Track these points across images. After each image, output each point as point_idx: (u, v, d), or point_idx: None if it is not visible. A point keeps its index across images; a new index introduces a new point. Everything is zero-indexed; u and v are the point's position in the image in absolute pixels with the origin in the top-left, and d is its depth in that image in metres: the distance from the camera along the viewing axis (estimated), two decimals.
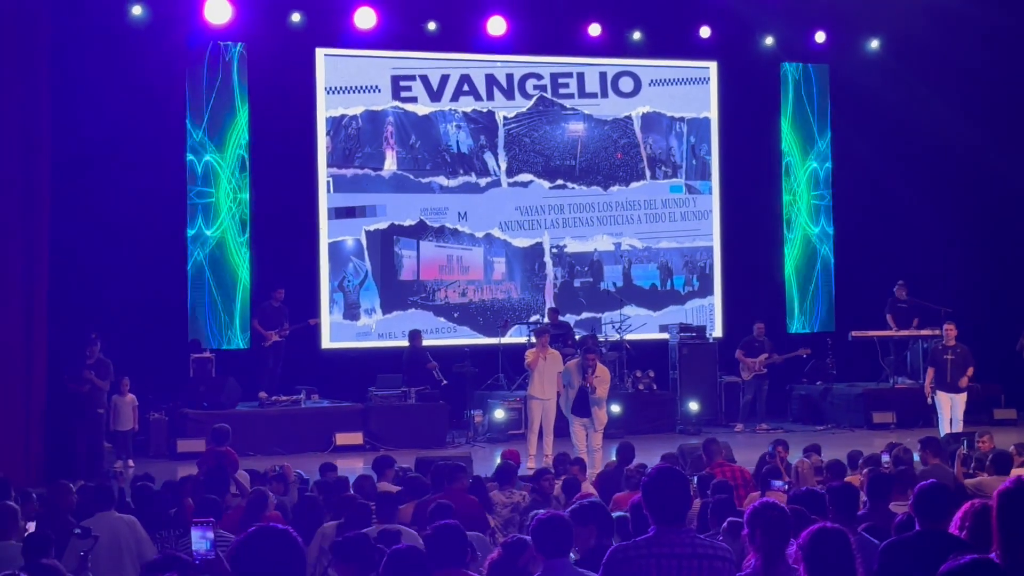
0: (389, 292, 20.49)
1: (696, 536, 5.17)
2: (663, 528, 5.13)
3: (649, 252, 21.99)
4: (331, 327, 20.07)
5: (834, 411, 19.88)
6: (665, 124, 22.14)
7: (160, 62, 18.66)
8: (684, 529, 5.14)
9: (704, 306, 22.20)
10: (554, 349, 16.06)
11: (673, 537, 5.09)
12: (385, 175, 20.54)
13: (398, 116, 20.62)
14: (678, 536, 5.09)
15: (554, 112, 21.53)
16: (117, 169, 17.89)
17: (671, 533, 5.10)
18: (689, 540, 5.10)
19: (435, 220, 20.73)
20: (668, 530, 5.12)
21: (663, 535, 5.11)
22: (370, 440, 17.34)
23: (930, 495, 5.96)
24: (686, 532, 5.13)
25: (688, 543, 5.08)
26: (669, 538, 5.09)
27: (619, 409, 17.97)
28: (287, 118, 19.82)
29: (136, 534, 8.24)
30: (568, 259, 21.54)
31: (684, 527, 5.15)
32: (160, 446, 16.89)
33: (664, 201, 22.11)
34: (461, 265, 20.91)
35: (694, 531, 5.22)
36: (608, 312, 20.85)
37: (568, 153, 21.53)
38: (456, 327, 20.76)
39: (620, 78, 21.86)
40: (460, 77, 21.01)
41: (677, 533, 5.10)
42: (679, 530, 5.11)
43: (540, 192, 21.33)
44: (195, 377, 17.61)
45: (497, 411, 18.18)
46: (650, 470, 5.44)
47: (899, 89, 21.88)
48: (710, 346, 20.09)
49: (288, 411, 17.61)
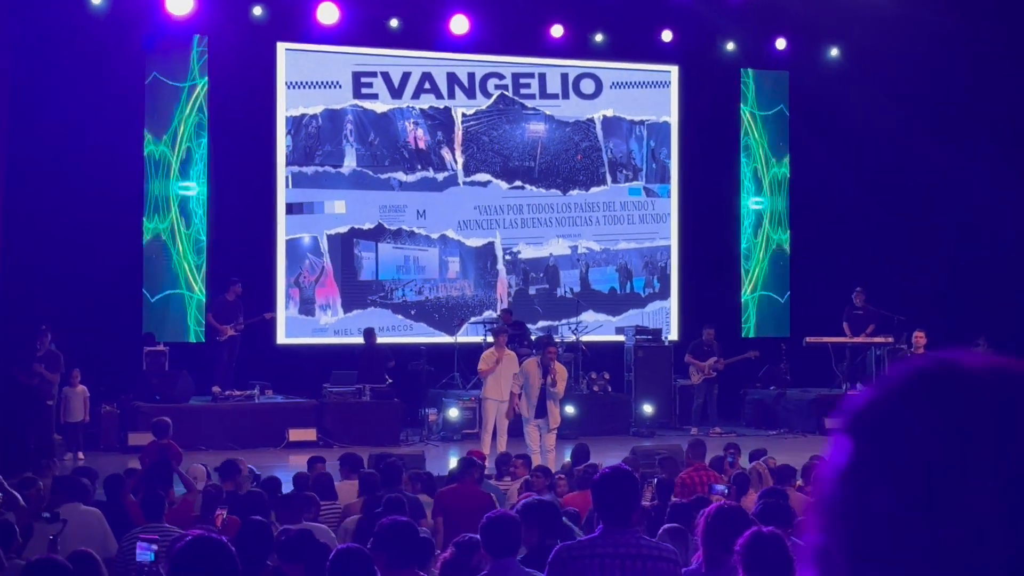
0: (349, 292, 20.48)
1: (642, 537, 5.17)
2: (609, 528, 5.14)
3: (607, 254, 22.03)
4: (287, 323, 20.02)
5: (787, 416, 19.98)
6: (625, 127, 22.20)
7: (120, 53, 18.54)
8: (631, 530, 5.13)
9: (664, 308, 22.27)
10: (510, 350, 16.04)
11: (618, 537, 5.08)
12: (345, 172, 20.51)
13: (357, 114, 20.59)
14: (623, 536, 5.08)
15: (514, 111, 21.54)
16: (72, 160, 17.76)
17: (617, 533, 5.10)
18: (634, 541, 5.09)
19: (394, 220, 20.71)
20: (614, 530, 5.12)
21: (608, 535, 5.12)
22: (323, 437, 17.28)
23: None
24: (632, 533, 5.12)
25: (633, 543, 5.07)
26: (614, 538, 5.09)
27: (574, 410, 18.00)
28: (247, 112, 19.73)
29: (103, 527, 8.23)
30: (523, 265, 21.54)
31: (631, 528, 5.14)
32: (111, 439, 16.77)
33: (623, 204, 22.17)
34: (418, 265, 20.91)
35: (640, 532, 5.21)
36: (565, 319, 20.86)
37: (527, 154, 21.55)
38: (413, 324, 20.76)
39: (582, 80, 21.90)
40: (422, 75, 20.99)
41: (622, 533, 5.09)
42: (625, 531, 5.10)
43: (498, 192, 21.34)
44: (148, 370, 17.48)
45: (451, 410, 18.16)
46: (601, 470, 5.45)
47: (858, 97, 22.03)
48: (665, 349, 20.14)
49: (241, 406, 17.53)
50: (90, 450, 16.30)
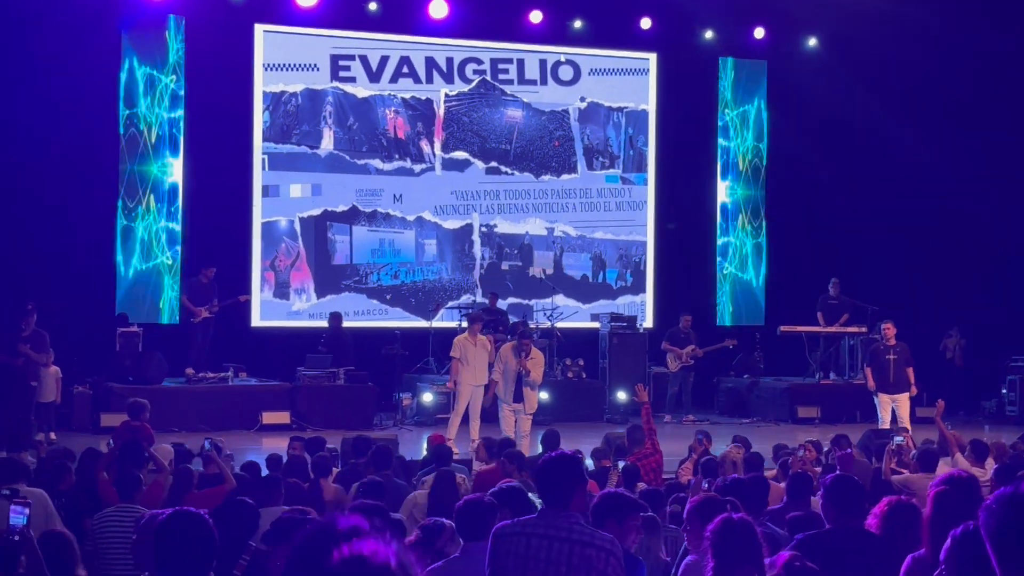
0: (323, 277, 20.43)
1: (578, 522, 5.11)
2: (547, 510, 5.16)
3: (583, 241, 22.06)
4: (261, 306, 19.97)
5: (760, 405, 20.05)
6: (603, 114, 22.21)
7: (96, 30, 18.44)
8: (568, 513, 5.10)
9: (635, 303, 22.29)
10: (483, 335, 15.98)
11: (552, 519, 5.08)
12: (321, 154, 20.46)
13: (338, 97, 20.54)
14: (557, 519, 5.07)
15: (494, 96, 21.53)
16: (48, 140, 17.67)
17: (552, 515, 5.10)
18: (567, 524, 5.05)
19: (369, 203, 20.68)
20: (551, 512, 5.12)
21: (545, 516, 5.13)
22: (297, 420, 17.26)
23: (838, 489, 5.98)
24: (568, 516, 5.08)
25: (565, 527, 5.04)
26: (548, 519, 5.09)
27: (548, 396, 18.01)
28: (224, 93, 19.62)
29: (46, 508, 8.17)
30: (497, 240, 21.54)
31: (569, 512, 5.12)
32: (83, 419, 16.70)
33: (599, 191, 22.19)
34: (393, 248, 20.88)
35: (579, 517, 5.19)
36: (537, 299, 20.87)
37: (504, 138, 21.56)
38: (388, 308, 20.74)
39: (560, 66, 21.90)
40: (400, 59, 20.95)
41: (558, 516, 5.08)
42: (561, 514, 5.09)
43: (476, 176, 21.34)
44: (121, 351, 17.40)
45: (425, 394, 18.16)
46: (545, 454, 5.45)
47: (835, 87, 22.08)
48: (640, 336, 20.17)
49: (215, 388, 17.49)
50: (62, 430, 16.22)
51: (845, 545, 5.71)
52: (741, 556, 4.83)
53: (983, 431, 17.08)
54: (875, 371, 16.30)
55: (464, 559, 5.76)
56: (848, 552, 5.66)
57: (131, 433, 11.14)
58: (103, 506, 8.18)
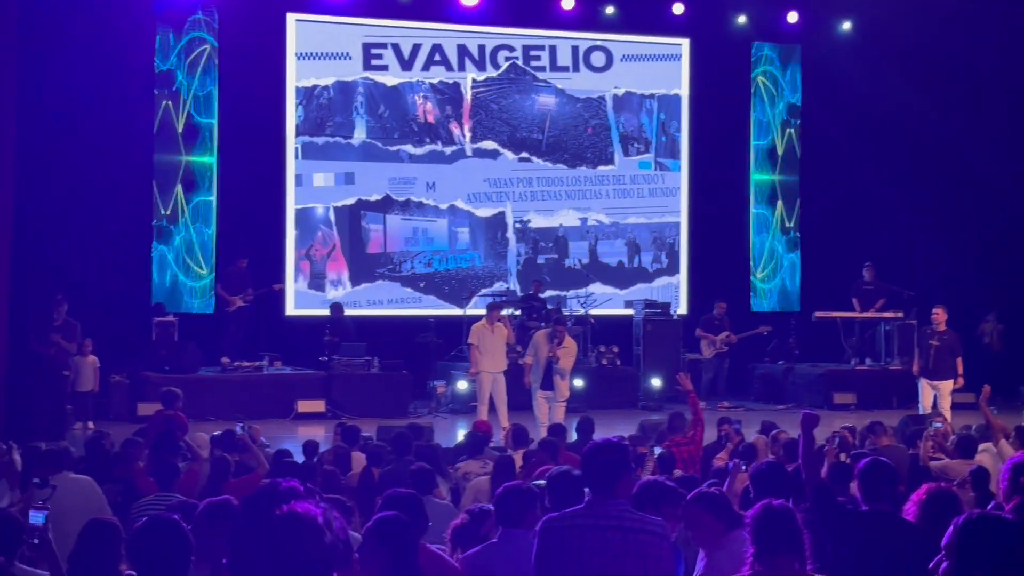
0: (357, 266, 20.47)
1: (627, 509, 5.08)
2: (595, 499, 5.11)
3: (616, 228, 22.01)
4: (295, 295, 20.03)
5: (795, 391, 19.95)
6: (636, 101, 22.13)
7: (130, 22, 18.52)
8: (616, 501, 5.08)
9: (672, 284, 22.25)
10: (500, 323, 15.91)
11: (602, 509, 5.04)
12: (355, 143, 20.50)
13: (368, 87, 20.55)
14: (606, 508, 5.04)
15: (525, 82, 21.48)
16: (83, 130, 17.74)
17: (601, 504, 5.06)
18: (617, 513, 5.03)
19: (402, 192, 20.69)
20: (599, 501, 5.08)
21: (593, 506, 5.08)
22: (332, 408, 17.32)
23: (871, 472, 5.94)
24: (616, 504, 5.06)
25: (616, 515, 5.02)
26: (598, 509, 5.05)
27: (582, 383, 18.00)
28: (257, 83, 19.68)
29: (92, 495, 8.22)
30: (532, 235, 21.53)
31: (616, 499, 5.10)
32: (121, 409, 16.79)
33: (632, 177, 22.12)
34: (426, 237, 20.90)
35: (627, 504, 5.15)
36: (573, 290, 20.85)
37: (536, 126, 21.50)
38: (422, 296, 20.77)
39: (592, 52, 21.83)
40: (432, 46, 20.94)
41: (606, 504, 5.05)
42: (610, 502, 5.06)
43: (507, 164, 21.31)
44: (157, 340, 17.52)
45: (460, 382, 18.15)
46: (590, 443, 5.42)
47: (870, 71, 21.90)
48: (674, 323, 20.11)
49: (250, 377, 17.57)
50: (100, 419, 16.33)
51: (878, 528, 5.67)
52: (782, 542, 4.80)
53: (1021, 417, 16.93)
54: (920, 355, 16.21)
55: (502, 545, 5.74)
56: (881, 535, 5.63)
57: (165, 422, 11.18)
58: (140, 495, 8.21)
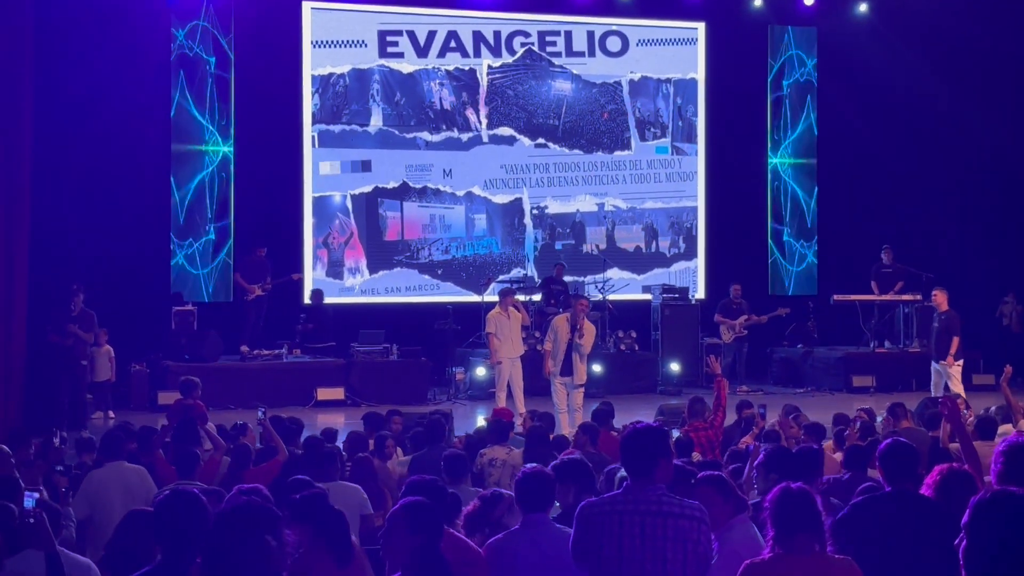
0: (375, 253, 20.51)
1: (665, 494, 5.09)
2: (633, 483, 5.13)
3: (634, 213, 21.99)
4: (313, 283, 20.07)
5: (814, 374, 19.93)
6: (652, 86, 22.09)
7: (145, 14, 18.56)
8: (654, 486, 5.09)
9: (689, 268, 22.23)
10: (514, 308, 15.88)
11: (639, 494, 5.06)
12: (371, 131, 20.51)
13: (384, 74, 20.56)
14: (645, 493, 5.06)
15: (541, 67, 21.47)
16: (100, 121, 17.80)
17: (639, 489, 5.08)
18: (656, 497, 5.04)
19: (419, 179, 20.71)
20: (636, 487, 5.10)
21: (631, 491, 5.09)
22: (351, 395, 17.37)
23: (892, 453, 5.93)
24: (655, 489, 5.07)
25: (655, 500, 5.03)
26: (636, 495, 5.07)
27: (600, 369, 18.02)
28: (273, 71, 19.73)
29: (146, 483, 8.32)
30: (549, 220, 21.53)
31: (654, 483, 5.12)
32: (141, 398, 16.88)
33: (649, 162, 22.10)
34: (444, 223, 20.91)
35: (664, 489, 5.17)
36: (591, 275, 20.84)
37: (552, 112, 21.49)
38: (440, 283, 20.79)
39: (608, 37, 21.79)
40: (447, 33, 20.93)
41: (644, 490, 5.08)
42: (647, 486, 5.09)
43: (524, 150, 21.31)
44: (177, 329, 17.60)
45: (478, 368, 18.19)
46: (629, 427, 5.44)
47: (886, 53, 21.84)
48: (692, 307, 20.11)
49: (270, 365, 17.62)
50: (120, 409, 16.43)
51: (902, 508, 5.67)
52: (800, 525, 4.81)
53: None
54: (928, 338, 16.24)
55: (525, 531, 5.75)
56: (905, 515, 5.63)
57: (185, 411, 11.23)
58: (161, 484, 8.26)
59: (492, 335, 15.31)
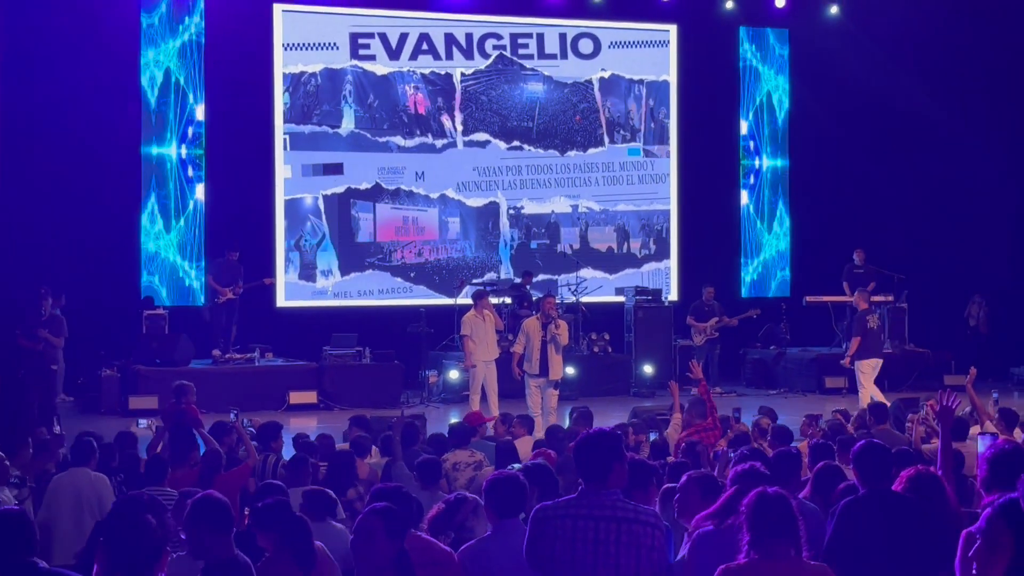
0: (347, 255, 20.44)
1: (620, 499, 5.07)
2: (588, 488, 5.10)
3: (606, 215, 22.01)
4: (286, 286, 19.99)
5: (787, 376, 19.98)
6: (624, 87, 22.11)
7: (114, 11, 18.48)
8: (609, 491, 5.07)
9: (660, 269, 22.27)
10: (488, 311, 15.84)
11: (595, 499, 5.04)
12: (343, 133, 20.44)
13: (357, 75, 20.49)
14: (599, 498, 5.03)
15: (513, 71, 21.45)
16: (69, 123, 17.70)
17: (593, 494, 5.06)
18: (610, 502, 5.03)
19: (392, 181, 20.65)
20: (592, 491, 5.07)
21: (585, 496, 5.07)
22: (324, 399, 17.30)
23: (866, 455, 5.95)
24: (609, 494, 5.05)
25: (609, 505, 5.02)
26: (591, 499, 5.04)
27: (574, 371, 18.00)
28: (244, 73, 19.64)
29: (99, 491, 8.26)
30: (525, 220, 21.54)
31: (609, 489, 5.09)
32: (112, 403, 16.74)
33: (622, 164, 22.12)
34: (417, 226, 20.86)
35: (619, 494, 5.15)
36: (564, 275, 20.85)
37: (526, 115, 21.48)
38: (413, 286, 20.74)
39: (580, 40, 21.79)
40: (419, 36, 20.88)
41: (599, 494, 5.05)
42: (602, 491, 5.06)
43: (497, 153, 21.29)
44: (148, 334, 17.48)
45: (451, 371, 18.14)
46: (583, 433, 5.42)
47: (858, 55, 21.92)
48: (665, 309, 20.11)
49: (242, 369, 17.52)
50: (90, 414, 16.30)
51: (880, 508, 5.69)
52: (776, 530, 4.80)
53: (1013, 398, 17.00)
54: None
55: (497, 537, 5.72)
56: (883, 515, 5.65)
57: (179, 415, 11.19)
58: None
59: (467, 338, 15.25)
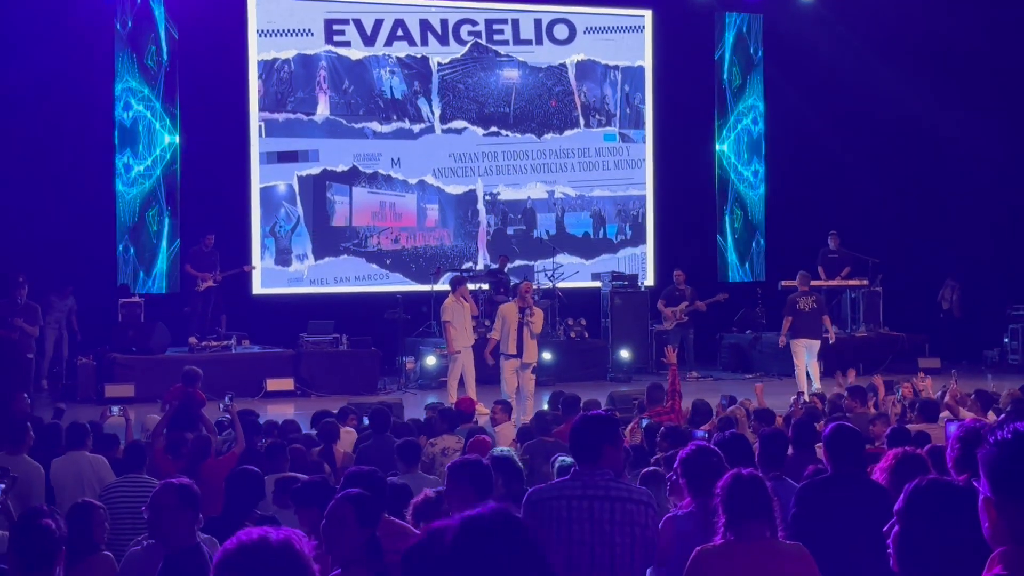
0: (321, 238, 20.40)
1: (612, 479, 5.13)
2: (581, 469, 5.16)
3: (583, 200, 22.04)
4: (262, 273, 19.95)
5: (763, 360, 20.02)
6: (599, 72, 22.13)
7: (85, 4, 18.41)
8: (602, 471, 5.12)
9: (636, 255, 22.31)
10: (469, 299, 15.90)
11: (587, 479, 5.09)
12: (318, 120, 20.39)
13: (331, 60, 20.44)
14: (592, 478, 5.08)
15: (488, 59, 21.44)
16: (42, 110, 17.64)
17: (587, 475, 5.11)
18: (603, 482, 5.08)
19: (368, 166, 20.62)
20: (584, 471, 5.13)
21: (579, 477, 5.13)
22: (301, 386, 17.29)
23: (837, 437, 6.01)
24: (602, 474, 5.10)
25: (602, 485, 5.07)
26: (584, 480, 5.10)
27: (551, 356, 18.04)
28: (218, 61, 19.55)
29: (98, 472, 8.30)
30: (502, 206, 21.54)
31: (601, 469, 5.15)
32: (88, 391, 16.70)
33: (598, 150, 22.14)
34: (394, 212, 20.84)
35: (610, 473, 5.19)
36: (541, 260, 20.87)
37: (502, 100, 21.48)
38: (388, 274, 20.72)
39: (555, 25, 21.79)
40: (394, 21, 20.84)
41: (592, 475, 5.10)
42: (595, 472, 5.11)
43: (474, 139, 21.28)
44: (124, 322, 17.42)
45: (428, 358, 18.15)
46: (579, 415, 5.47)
47: (833, 41, 21.98)
48: (642, 295, 20.17)
49: (218, 356, 17.47)
50: (66, 401, 16.22)
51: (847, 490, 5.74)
52: (751, 511, 4.84)
53: (986, 380, 17.09)
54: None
55: None
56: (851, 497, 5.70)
57: (187, 399, 11.19)
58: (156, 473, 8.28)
59: (449, 324, 15.28)
